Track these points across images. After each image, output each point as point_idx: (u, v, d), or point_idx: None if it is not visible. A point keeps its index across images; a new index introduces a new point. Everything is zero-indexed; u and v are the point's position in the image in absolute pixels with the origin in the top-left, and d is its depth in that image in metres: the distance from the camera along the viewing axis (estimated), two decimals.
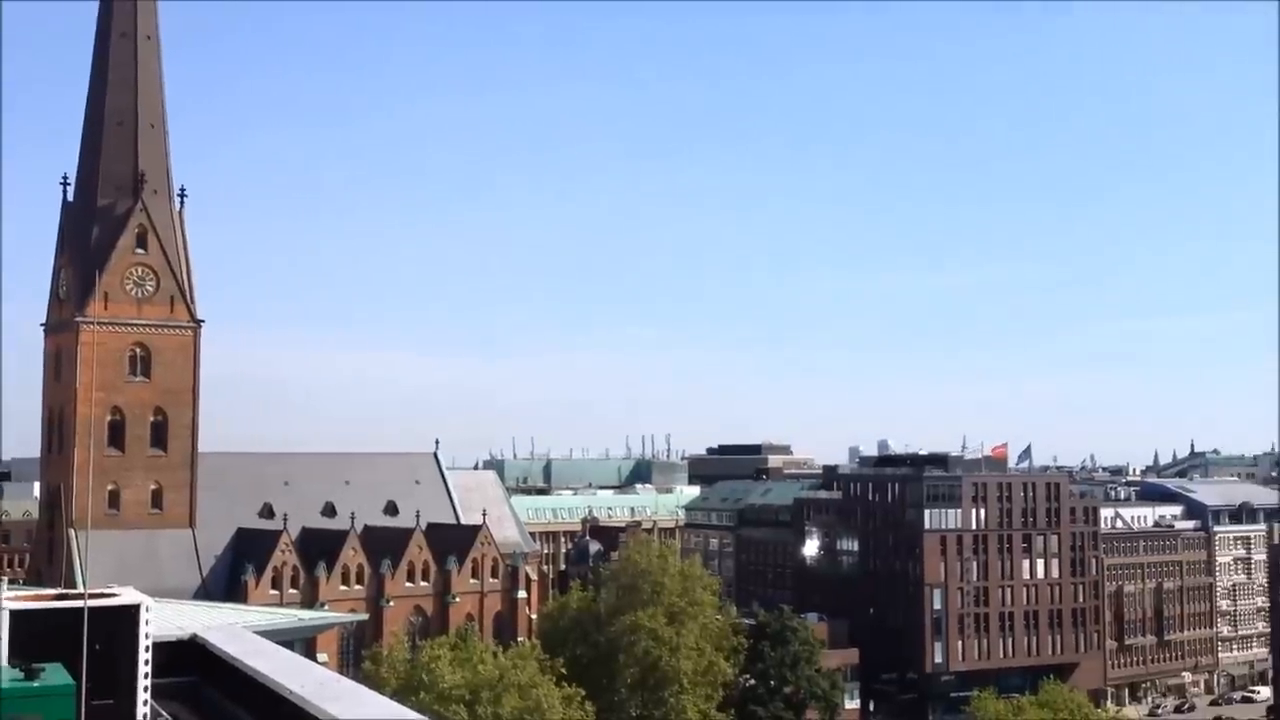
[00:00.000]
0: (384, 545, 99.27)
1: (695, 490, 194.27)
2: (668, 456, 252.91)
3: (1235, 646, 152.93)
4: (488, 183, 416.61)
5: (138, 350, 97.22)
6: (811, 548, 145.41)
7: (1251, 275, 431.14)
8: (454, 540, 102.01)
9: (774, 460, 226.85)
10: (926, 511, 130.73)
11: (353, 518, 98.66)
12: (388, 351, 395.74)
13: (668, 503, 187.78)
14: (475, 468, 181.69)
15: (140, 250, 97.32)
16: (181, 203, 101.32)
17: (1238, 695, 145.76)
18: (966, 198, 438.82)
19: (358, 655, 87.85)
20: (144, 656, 14.53)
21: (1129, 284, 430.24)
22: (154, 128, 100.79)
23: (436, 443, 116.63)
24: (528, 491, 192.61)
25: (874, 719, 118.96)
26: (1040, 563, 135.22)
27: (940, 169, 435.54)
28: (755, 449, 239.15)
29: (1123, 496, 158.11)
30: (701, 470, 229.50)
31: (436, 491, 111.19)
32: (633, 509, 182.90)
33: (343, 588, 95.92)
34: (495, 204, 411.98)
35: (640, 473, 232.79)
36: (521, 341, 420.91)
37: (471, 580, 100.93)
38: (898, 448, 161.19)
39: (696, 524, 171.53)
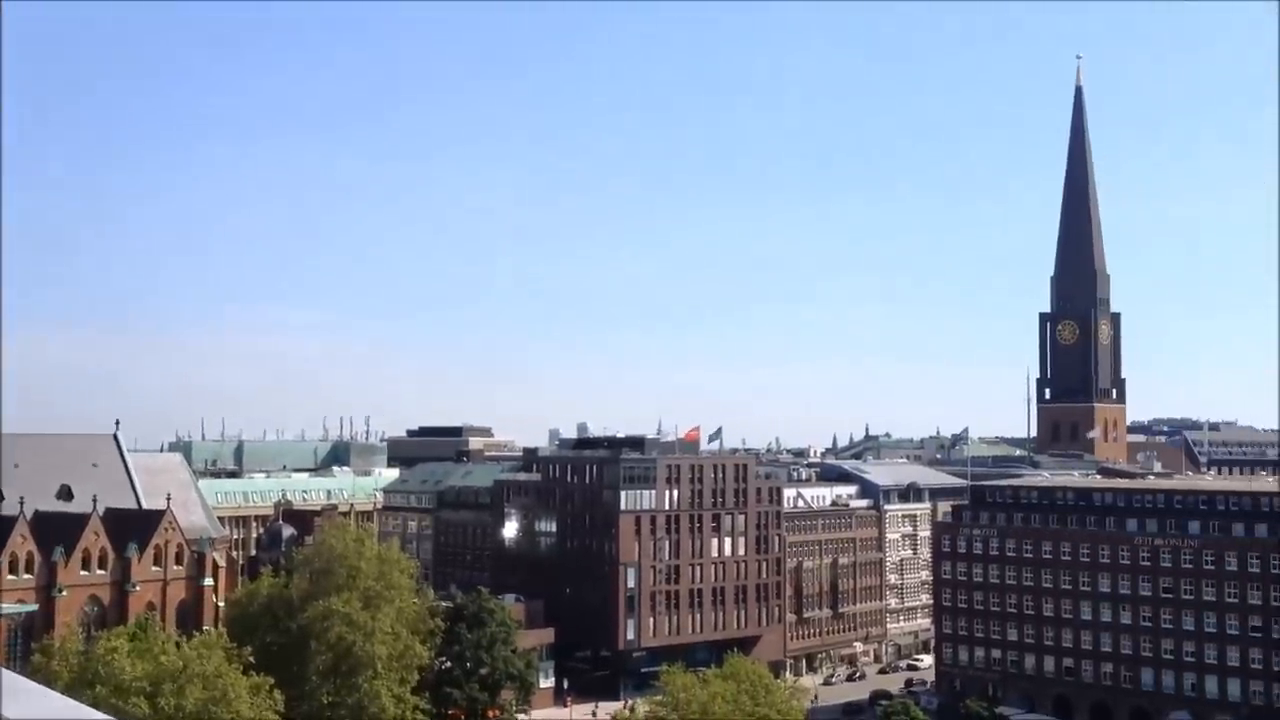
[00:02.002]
0: (57, 532, 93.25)
1: (394, 473, 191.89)
2: (367, 438, 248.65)
3: (902, 618, 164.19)
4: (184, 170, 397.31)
5: None
6: (511, 529, 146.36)
7: (923, 275, 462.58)
8: (135, 526, 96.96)
9: (475, 442, 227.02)
10: (623, 492, 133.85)
11: (21, 502, 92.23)
12: (75, 329, 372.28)
13: (365, 485, 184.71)
14: (161, 450, 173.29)
15: None
16: None
17: (904, 663, 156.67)
18: (654, 186, 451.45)
19: (27, 648, 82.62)
20: None
21: (813, 276, 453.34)
22: None
23: (117, 423, 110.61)
24: (217, 475, 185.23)
25: (567, 696, 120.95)
26: (728, 541, 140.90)
27: (624, 158, 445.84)
28: (456, 431, 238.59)
29: (804, 477, 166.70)
30: (401, 452, 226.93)
31: (116, 475, 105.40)
32: (329, 492, 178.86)
33: (10, 577, 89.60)
34: (199, 181, 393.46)
35: (337, 455, 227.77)
36: (209, 322, 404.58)
37: (154, 568, 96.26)
38: (596, 431, 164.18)
39: (395, 507, 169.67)
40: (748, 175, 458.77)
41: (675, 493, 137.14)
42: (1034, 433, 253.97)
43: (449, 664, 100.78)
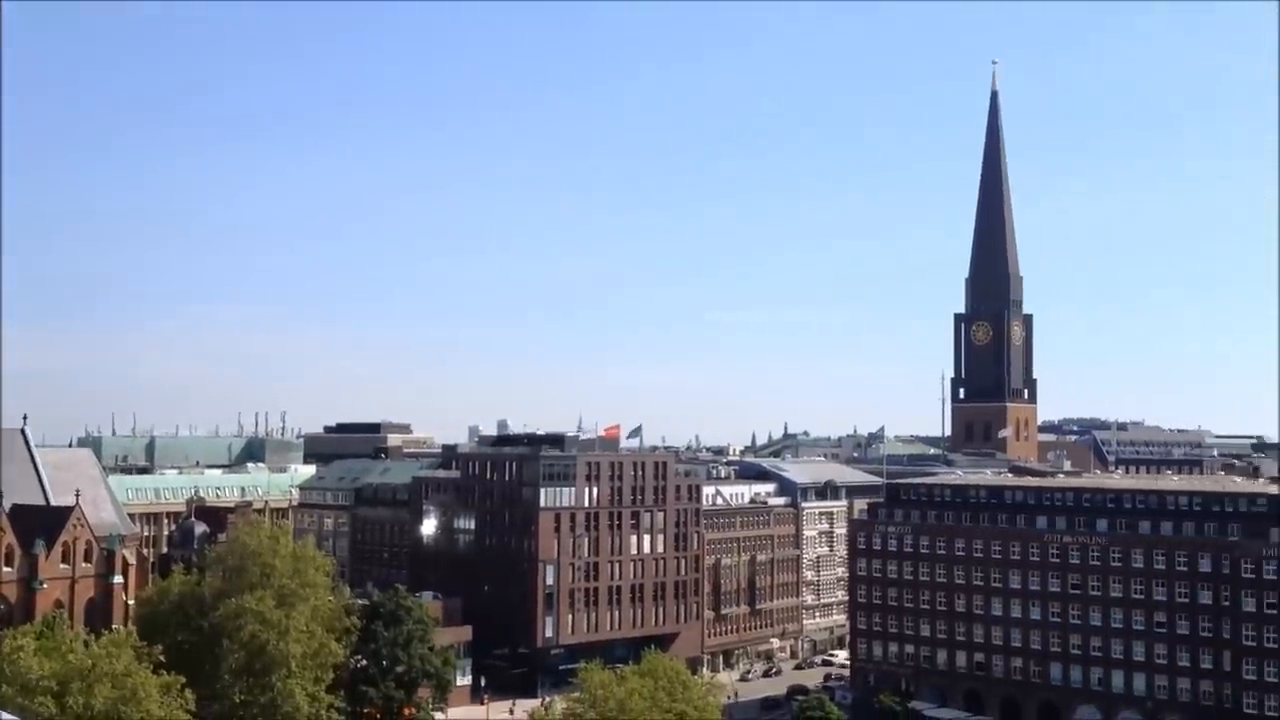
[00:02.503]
0: None
1: (311, 469, 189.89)
2: (283, 435, 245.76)
3: (818, 614, 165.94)
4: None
5: None
6: (429, 527, 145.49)
7: (842, 276, 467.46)
8: (43, 522, 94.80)
9: (393, 439, 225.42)
10: (542, 490, 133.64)
11: None
12: None
13: (281, 482, 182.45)
14: (70, 445, 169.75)
15: None
16: None
17: (819, 659, 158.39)
18: (577, 184, 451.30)
19: None
20: None
21: (734, 277, 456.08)
22: None
23: (24, 418, 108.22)
24: (128, 471, 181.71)
25: (484, 694, 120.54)
26: (647, 538, 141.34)
27: (544, 156, 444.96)
28: (374, 428, 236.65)
29: (723, 475, 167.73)
30: (318, 449, 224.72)
31: (23, 470, 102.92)
32: (243, 489, 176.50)
33: None
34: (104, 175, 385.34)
35: (252, 451, 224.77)
36: (121, 317, 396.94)
37: (62, 565, 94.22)
38: (516, 428, 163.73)
39: (311, 504, 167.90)
40: (670, 176, 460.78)
41: (595, 490, 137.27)
42: (949, 432, 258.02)
43: (365, 662, 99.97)
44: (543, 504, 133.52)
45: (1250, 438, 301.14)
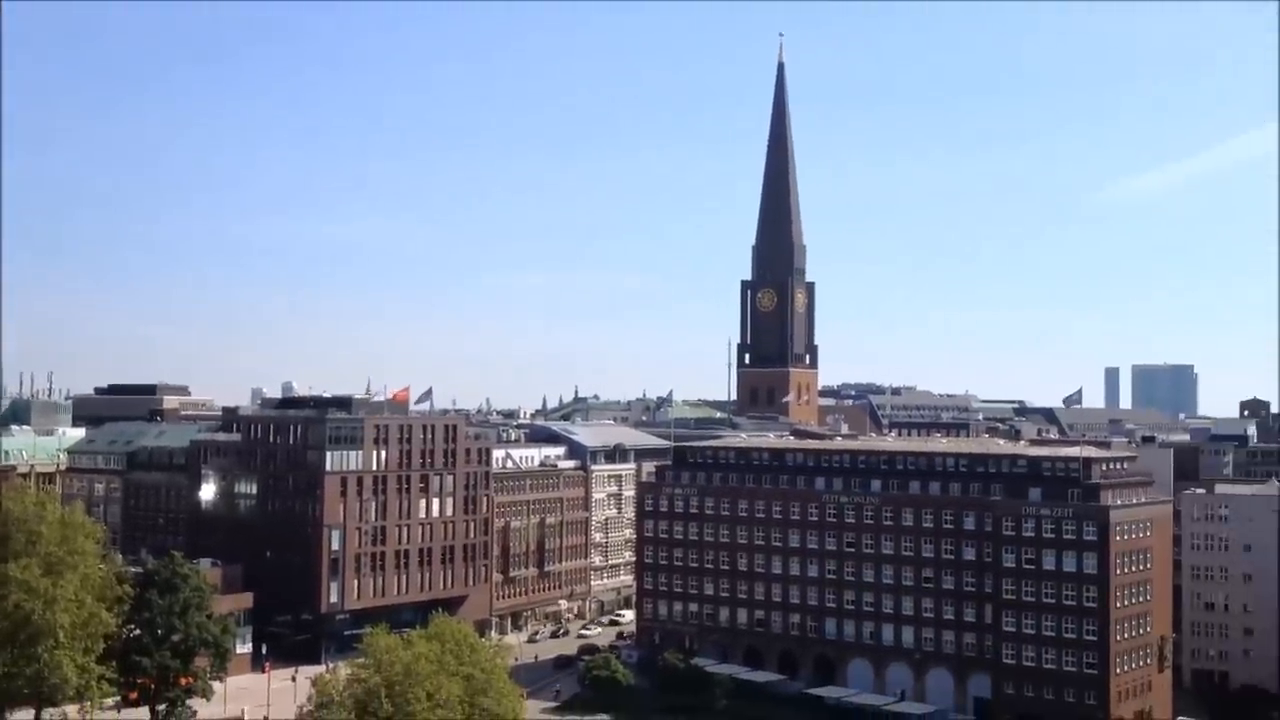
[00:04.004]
0: None
1: (80, 433, 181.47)
2: (49, 396, 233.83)
3: (606, 575, 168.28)
4: None
5: None
6: (208, 491, 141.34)
7: (635, 243, 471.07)
8: None
9: (170, 401, 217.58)
10: (328, 453, 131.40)
11: None
12: None
13: (48, 446, 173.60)
14: None
15: None
16: None
17: (606, 619, 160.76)
18: (366, 148, 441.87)
19: None
20: None
21: (528, 243, 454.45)
22: None
23: None
24: None
25: (266, 662, 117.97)
26: (436, 501, 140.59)
27: (340, 116, 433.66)
28: (150, 389, 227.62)
29: (513, 438, 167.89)
30: (88, 411, 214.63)
31: None
32: (6, 453, 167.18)
33: None
34: None
35: (16, 413, 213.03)
36: None
37: None
38: (302, 390, 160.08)
39: (81, 469, 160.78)
40: (464, 142, 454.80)
41: (383, 453, 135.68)
42: (735, 396, 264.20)
43: (138, 632, 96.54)
44: (328, 467, 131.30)
45: (1012, 402, 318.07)
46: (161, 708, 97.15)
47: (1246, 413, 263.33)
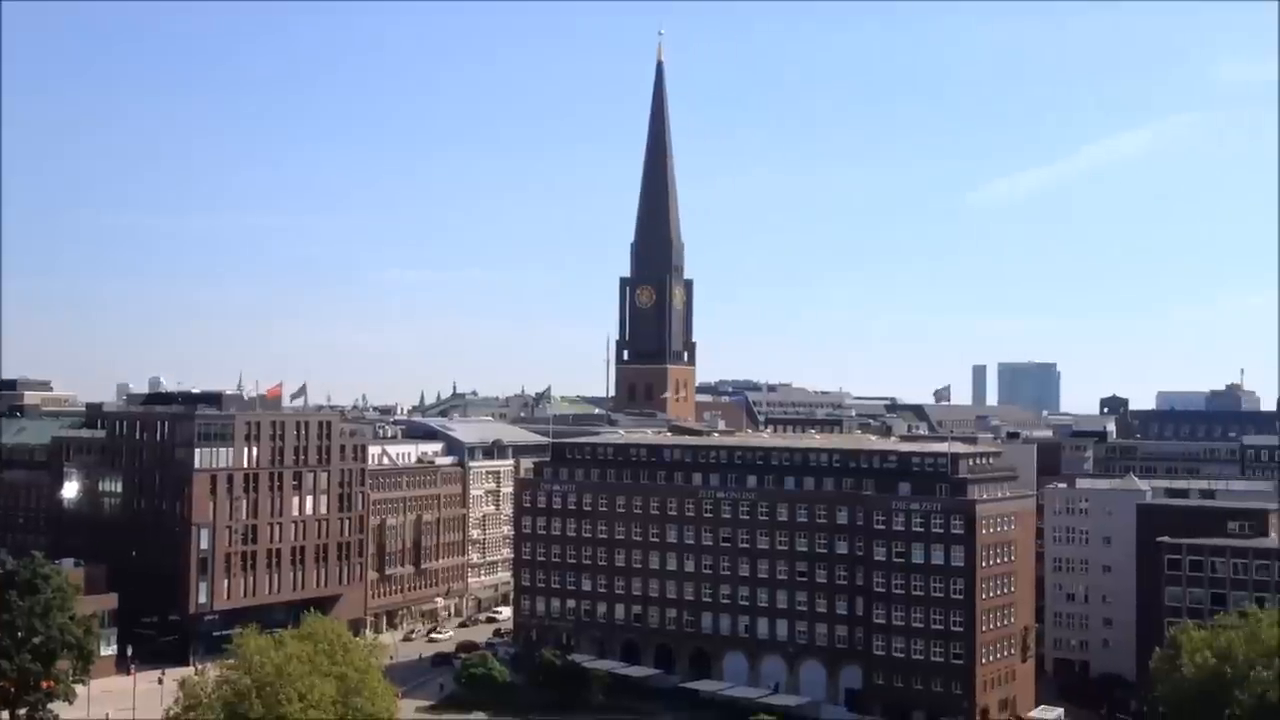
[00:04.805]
0: None
1: None
2: None
3: (484, 572, 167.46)
4: None
5: None
6: (71, 490, 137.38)
7: (513, 239, 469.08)
8: None
9: (31, 397, 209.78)
10: (198, 450, 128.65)
11: None
12: None
13: None
14: None
15: None
16: None
17: (483, 616, 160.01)
18: (237, 134, 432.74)
19: None
20: None
21: (406, 238, 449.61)
22: None
23: None
24: None
25: (131, 664, 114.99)
26: (310, 499, 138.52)
27: (213, 110, 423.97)
28: (9, 384, 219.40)
29: (390, 435, 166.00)
30: None
31: None
32: None
33: None
34: None
35: None
36: None
37: None
38: (171, 386, 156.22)
39: None
40: (339, 137, 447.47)
41: (254, 450, 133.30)
42: (614, 392, 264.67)
43: None
44: (197, 465, 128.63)
45: (884, 399, 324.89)
46: (22, 712, 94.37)
47: (1106, 410, 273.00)
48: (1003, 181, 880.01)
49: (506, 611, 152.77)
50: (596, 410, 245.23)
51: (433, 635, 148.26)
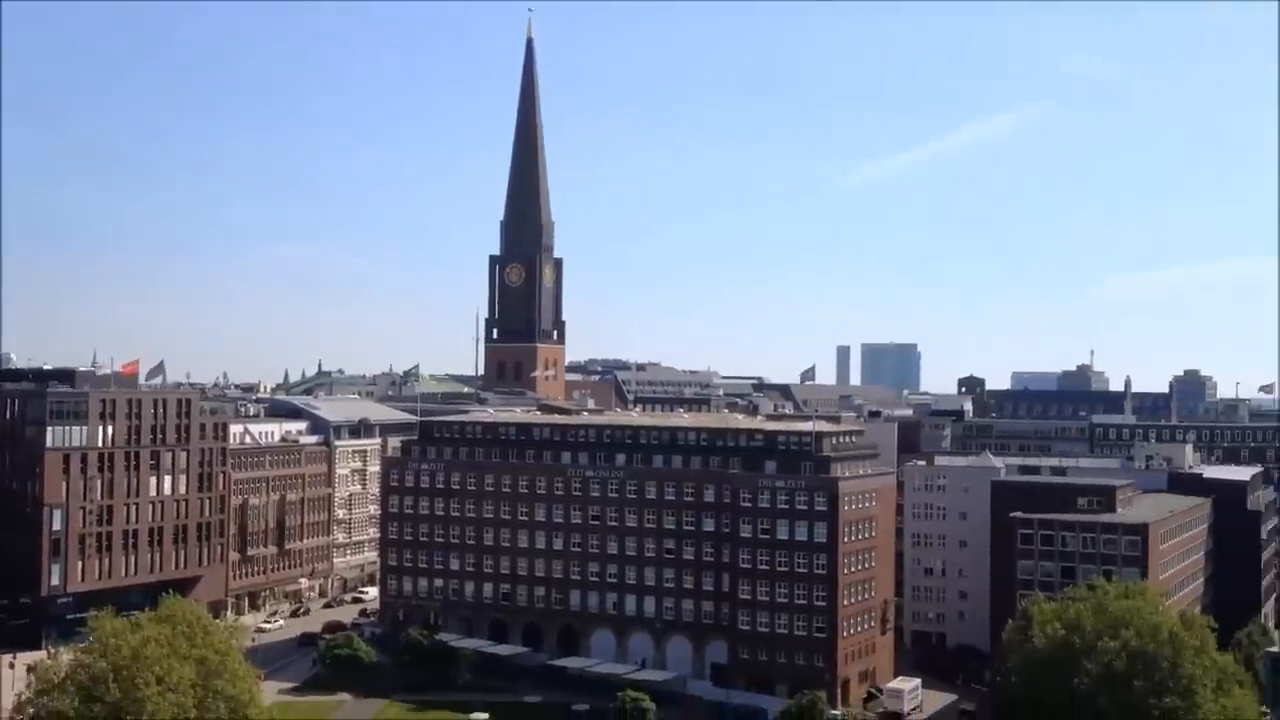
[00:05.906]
0: None
1: None
2: None
3: (349, 552, 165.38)
4: None
5: None
6: None
7: (382, 217, 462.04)
8: None
9: None
10: (49, 429, 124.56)
11: None
12: None
13: None
14: None
15: None
16: None
17: (349, 597, 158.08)
18: (84, 113, 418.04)
19: None
20: None
21: (268, 215, 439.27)
22: None
23: None
24: None
25: None
26: (168, 479, 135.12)
27: (66, 76, 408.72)
28: None
29: (252, 413, 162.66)
30: None
31: None
32: None
33: None
34: None
35: None
36: None
37: None
38: (21, 363, 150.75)
39: None
40: (200, 110, 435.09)
41: (110, 429, 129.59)
42: (482, 371, 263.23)
43: None
44: (49, 444, 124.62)
45: (751, 379, 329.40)
46: None
47: (964, 389, 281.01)
48: (870, 164, 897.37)
49: (373, 592, 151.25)
50: (465, 389, 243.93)
51: (297, 615, 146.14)
